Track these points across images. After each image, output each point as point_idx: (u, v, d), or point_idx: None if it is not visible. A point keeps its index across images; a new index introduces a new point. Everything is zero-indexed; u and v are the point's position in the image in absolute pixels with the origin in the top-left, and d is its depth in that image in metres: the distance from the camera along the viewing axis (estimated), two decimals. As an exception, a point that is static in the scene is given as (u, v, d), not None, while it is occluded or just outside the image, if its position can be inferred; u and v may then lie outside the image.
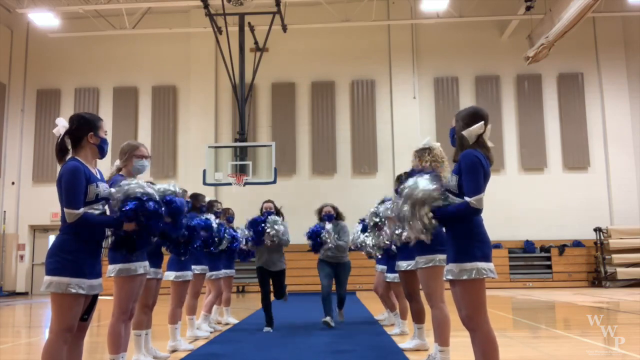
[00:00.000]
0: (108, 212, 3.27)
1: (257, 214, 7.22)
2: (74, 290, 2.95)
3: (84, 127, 3.21)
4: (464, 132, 3.14)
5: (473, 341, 3.05)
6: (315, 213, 7.41)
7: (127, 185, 3.29)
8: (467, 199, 2.98)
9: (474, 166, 3.01)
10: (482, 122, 3.13)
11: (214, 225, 6.15)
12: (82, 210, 3.00)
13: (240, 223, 7.93)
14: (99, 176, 3.23)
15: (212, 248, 6.29)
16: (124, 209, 3.17)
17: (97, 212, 3.14)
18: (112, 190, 3.24)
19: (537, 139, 16.74)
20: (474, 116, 3.18)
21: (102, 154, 3.31)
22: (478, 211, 3.01)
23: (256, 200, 14.30)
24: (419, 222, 3.04)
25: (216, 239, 6.37)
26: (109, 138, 3.47)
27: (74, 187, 3.02)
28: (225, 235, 6.78)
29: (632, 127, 16.58)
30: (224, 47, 13.19)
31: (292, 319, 8.47)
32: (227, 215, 7.68)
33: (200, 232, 5.52)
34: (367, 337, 6.31)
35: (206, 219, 5.93)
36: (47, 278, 2.98)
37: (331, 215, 7.23)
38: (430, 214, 3.03)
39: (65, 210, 3.01)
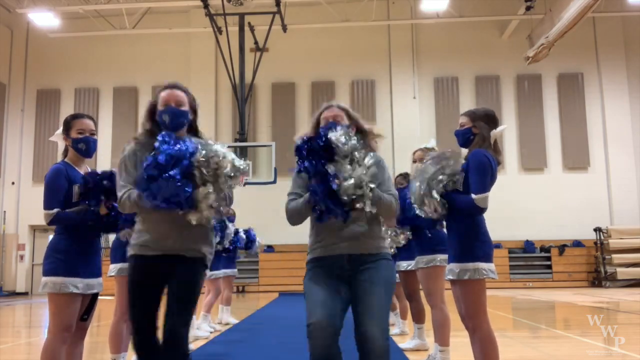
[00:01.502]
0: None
1: (257, 214, 6.69)
2: (68, 290, 2.96)
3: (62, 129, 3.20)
4: (493, 132, 3.16)
5: (473, 341, 3.05)
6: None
7: None
8: (472, 195, 2.99)
9: (483, 166, 3.02)
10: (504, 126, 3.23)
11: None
12: (55, 210, 3.01)
13: (240, 224, 7.91)
14: None
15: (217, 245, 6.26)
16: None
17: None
18: None
19: (537, 139, 16.75)
20: (493, 118, 3.22)
21: (80, 153, 3.16)
22: (480, 210, 3.02)
23: (256, 200, 14.35)
24: (435, 191, 3.10)
25: (217, 235, 6.34)
26: (107, 138, 3.46)
27: (50, 188, 3.04)
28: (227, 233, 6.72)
29: (632, 127, 16.58)
30: (224, 47, 13.19)
31: (292, 318, 8.47)
32: (227, 216, 7.66)
33: None
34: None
35: None
36: (44, 279, 3.02)
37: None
38: (442, 187, 3.08)
39: (43, 212, 3.03)
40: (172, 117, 2.86)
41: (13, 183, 17.37)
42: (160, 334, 2.68)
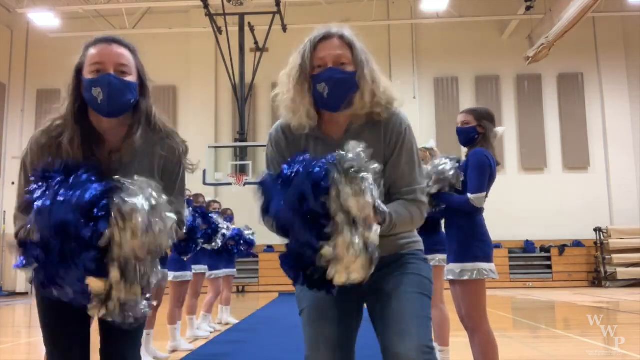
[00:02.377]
0: None
1: (257, 214, 6.71)
2: None
3: None
4: (496, 130, 3.18)
5: (472, 342, 3.05)
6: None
7: None
8: (468, 195, 3.00)
9: (482, 165, 3.04)
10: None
11: (214, 218, 6.16)
12: None
13: (241, 224, 7.92)
14: None
15: (212, 243, 6.27)
16: None
17: None
18: None
19: (537, 139, 16.74)
20: (494, 118, 3.24)
21: None
22: (476, 209, 3.02)
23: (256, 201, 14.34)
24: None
25: (218, 234, 6.34)
26: None
27: None
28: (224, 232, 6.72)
29: (632, 127, 16.58)
30: (224, 47, 13.20)
31: (292, 319, 8.47)
32: (225, 216, 7.67)
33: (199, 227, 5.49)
34: (367, 337, 6.30)
35: (204, 213, 5.95)
36: None
37: (340, 80, 1.83)
38: (435, 189, 3.11)
39: None
40: (109, 93, 1.77)
41: (13, 183, 17.36)
42: None
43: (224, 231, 6.64)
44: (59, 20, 15.48)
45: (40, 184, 1.64)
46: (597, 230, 15.52)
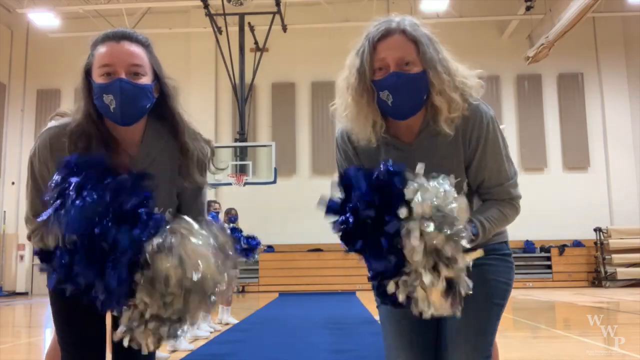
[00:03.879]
0: None
1: (257, 214, 6.78)
2: None
3: None
4: None
5: (473, 341, 3.04)
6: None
7: None
8: None
9: None
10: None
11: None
12: None
13: (241, 224, 7.93)
14: None
15: None
16: None
17: None
18: None
19: (537, 139, 16.74)
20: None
21: None
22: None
23: (257, 200, 14.34)
24: None
25: None
26: None
27: None
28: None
29: (632, 127, 16.58)
30: (224, 47, 13.20)
31: (292, 318, 8.47)
32: (230, 216, 7.67)
33: None
34: (367, 337, 6.30)
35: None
36: None
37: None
38: None
39: None
40: (122, 101, 1.62)
41: (13, 183, 17.36)
42: None
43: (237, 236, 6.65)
44: (59, 20, 15.48)
45: (63, 180, 1.48)
46: (597, 230, 15.52)
